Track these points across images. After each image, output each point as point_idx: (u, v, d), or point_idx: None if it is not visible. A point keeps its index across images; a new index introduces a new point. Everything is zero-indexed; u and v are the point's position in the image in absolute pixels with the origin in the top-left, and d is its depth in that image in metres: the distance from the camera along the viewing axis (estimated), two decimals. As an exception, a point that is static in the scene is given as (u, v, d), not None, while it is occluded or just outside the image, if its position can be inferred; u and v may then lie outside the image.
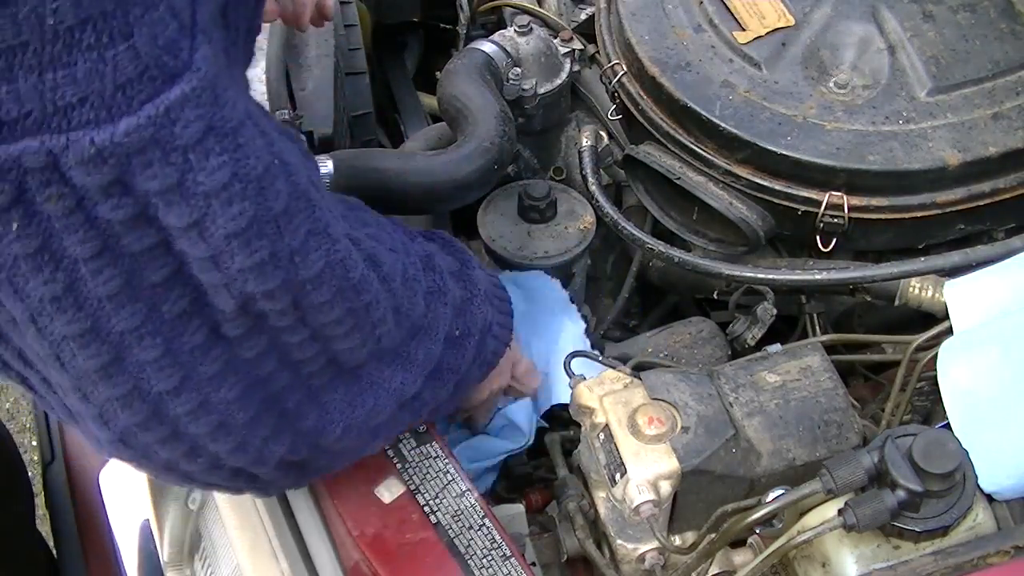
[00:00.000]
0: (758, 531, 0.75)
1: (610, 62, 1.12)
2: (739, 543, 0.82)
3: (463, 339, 0.80)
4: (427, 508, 0.80)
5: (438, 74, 1.17)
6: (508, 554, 0.78)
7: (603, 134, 1.16)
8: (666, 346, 1.02)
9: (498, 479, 0.98)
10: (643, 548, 0.82)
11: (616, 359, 0.90)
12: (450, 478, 0.82)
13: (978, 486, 0.72)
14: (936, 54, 1.01)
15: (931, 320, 0.90)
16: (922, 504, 0.69)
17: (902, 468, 0.68)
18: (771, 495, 0.74)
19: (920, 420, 0.90)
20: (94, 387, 0.57)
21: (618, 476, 0.77)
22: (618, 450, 0.77)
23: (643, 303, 1.23)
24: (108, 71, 0.48)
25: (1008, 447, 0.74)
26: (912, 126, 0.97)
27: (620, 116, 1.13)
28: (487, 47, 1.15)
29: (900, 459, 0.69)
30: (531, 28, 1.18)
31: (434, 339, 0.76)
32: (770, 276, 0.97)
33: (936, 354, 0.80)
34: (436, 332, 0.76)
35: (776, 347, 0.86)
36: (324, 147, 1.09)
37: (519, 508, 0.91)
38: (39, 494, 1.45)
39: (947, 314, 0.86)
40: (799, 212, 0.98)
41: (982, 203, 0.96)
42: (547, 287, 1.04)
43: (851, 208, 0.96)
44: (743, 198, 1.00)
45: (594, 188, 1.09)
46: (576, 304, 1.11)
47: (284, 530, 0.85)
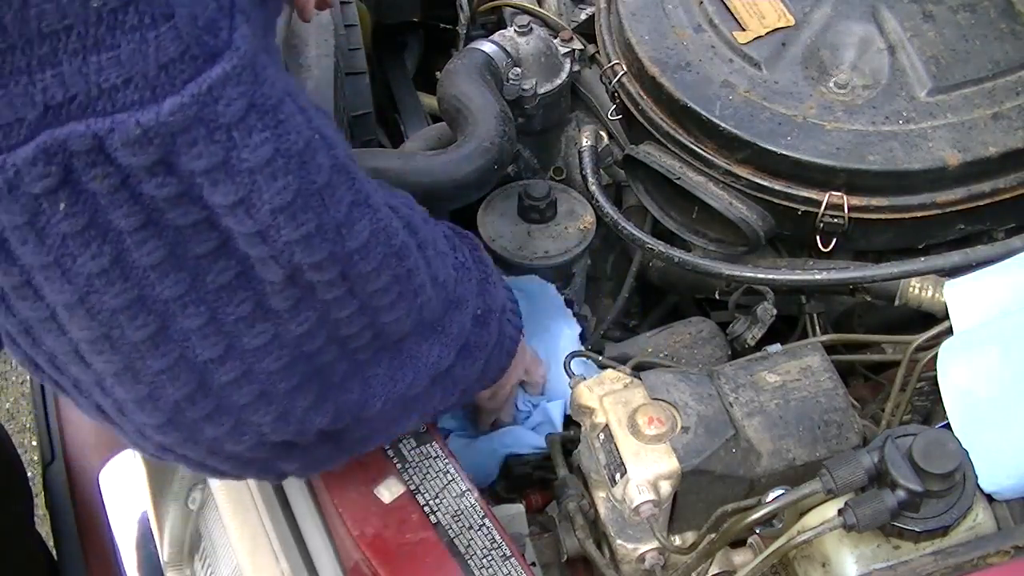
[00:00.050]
0: (758, 531, 0.75)
1: (610, 62, 1.12)
2: (739, 543, 0.82)
3: (486, 316, 0.81)
4: (427, 508, 0.80)
5: (438, 74, 1.17)
6: (508, 554, 0.78)
7: (603, 134, 1.16)
8: (666, 346, 1.02)
9: (499, 478, 0.98)
10: (643, 548, 0.82)
11: (616, 359, 0.91)
12: (450, 478, 0.82)
13: (978, 486, 0.72)
14: (936, 54, 1.01)
15: (931, 320, 0.90)
16: (922, 504, 0.69)
17: (902, 468, 0.68)
18: (771, 495, 0.74)
19: (920, 420, 0.90)
20: (143, 361, 0.57)
21: (618, 476, 0.77)
22: (618, 450, 0.77)
23: (643, 303, 1.23)
24: (151, 52, 0.48)
25: (1008, 447, 0.74)
26: (912, 126, 0.97)
27: (620, 116, 1.13)
28: (487, 47, 1.15)
29: (900, 459, 0.69)
30: (531, 28, 1.18)
31: (464, 312, 0.77)
32: (770, 276, 0.97)
33: (936, 354, 0.80)
34: (466, 306, 0.77)
35: (776, 347, 0.86)
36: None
37: (519, 508, 0.91)
38: (39, 494, 1.44)
39: (947, 314, 0.86)
40: (799, 212, 0.98)
41: (982, 203, 0.96)
42: (544, 291, 1.04)
43: (851, 208, 0.96)
44: (743, 198, 1.00)
45: (594, 188, 1.09)
46: (576, 304, 1.11)
47: (284, 530, 0.85)
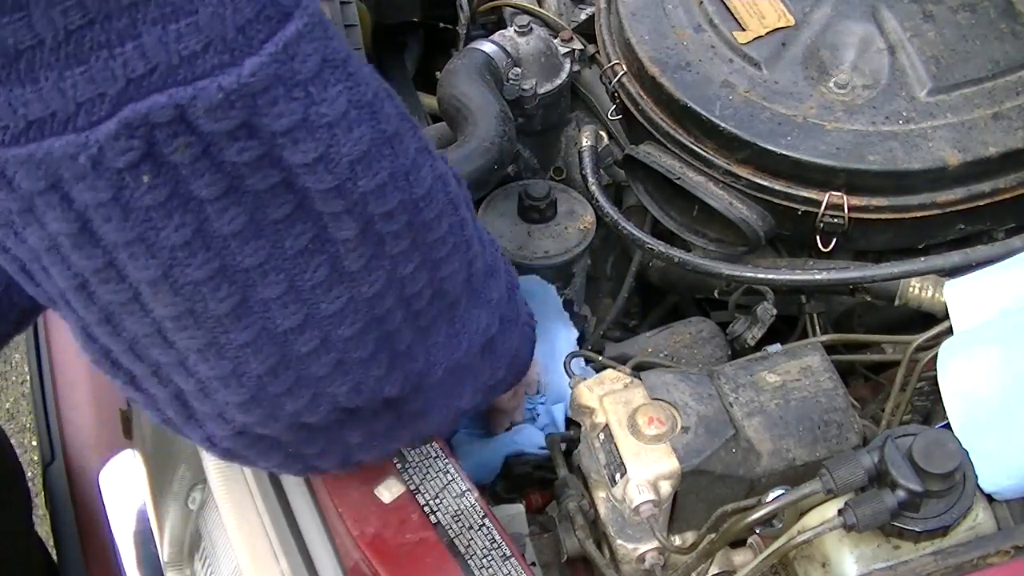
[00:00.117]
0: (758, 531, 0.75)
1: (610, 62, 1.12)
2: (739, 543, 0.82)
3: (513, 289, 0.81)
4: (427, 508, 0.80)
5: (438, 74, 1.17)
6: (508, 554, 0.78)
7: (603, 134, 1.16)
8: (666, 346, 1.02)
9: (499, 478, 0.98)
10: (643, 548, 0.82)
11: (616, 359, 0.90)
12: (450, 478, 0.82)
13: (978, 486, 0.72)
14: (936, 54, 1.01)
15: (931, 320, 0.89)
16: (922, 504, 0.69)
17: (902, 468, 0.68)
18: (771, 495, 0.74)
19: (920, 420, 0.90)
20: (227, 335, 0.58)
21: (618, 476, 0.77)
22: (618, 450, 0.77)
23: (643, 303, 1.23)
24: (228, 14, 0.49)
25: (1008, 447, 0.74)
26: (912, 126, 0.97)
27: (620, 116, 1.13)
28: (487, 47, 1.14)
29: (900, 459, 0.69)
30: (531, 28, 1.18)
31: (499, 280, 0.77)
32: (770, 276, 0.97)
33: (936, 354, 0.80)
34: (499, 274, 0.78)
35: (776, 347, 0.85)
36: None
37: (519, 508, 0.90)
38: (39, 494, 1.44)
39: (947, 314, 0.85)
40: (799, 212, 0.98)
41: (982, 203, 0.96)
42: (545, 291, 1.04)
43: (851, 208, 0.96)
44: (743, 198, 1.00)
45: (594, 188, 1.09)
46: (576, 304, 1.11)
47: (284, 530, 0.85)
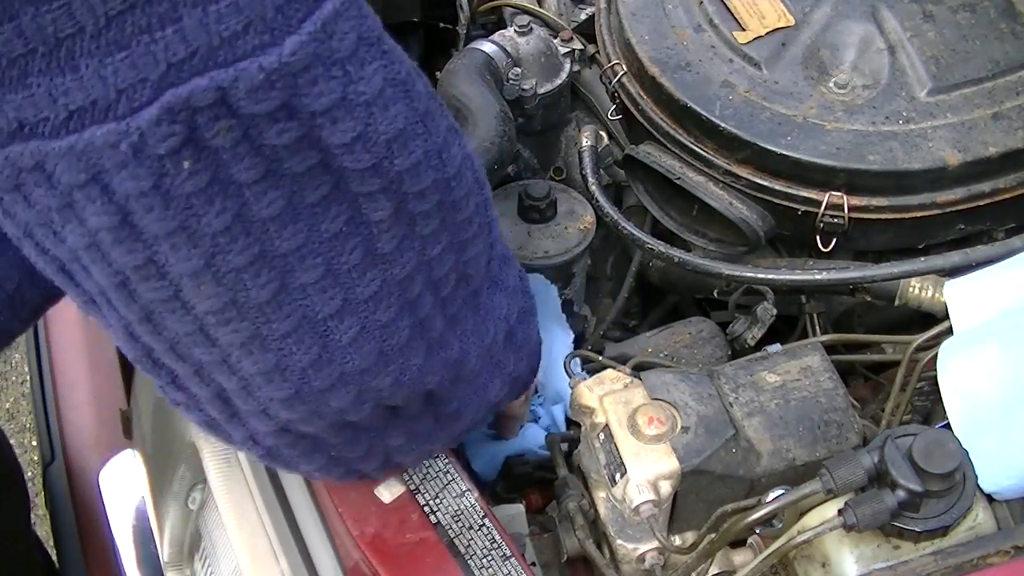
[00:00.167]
0: (758, 531, 0.75)
1: (610, 62, 1.12)
2: (739, 543, 0.82)
3: (524, 281, 0.81)
4: (427, 508, 0.80)
5: (438, 74, 1.17)
6: (508, 554, 0.78)
7: (603, 134, 1.15)
8: (666, 346, 1.02)
9: (499, 478, 0.98)
10: (643, 548, 0.82)
11: (616, 359, 0.90)
12: (450, 478, 0.82)
13: (978, 486, 0.72)
14: (936, 54, 1.01)
15: (931, 320, 0.89)
16: (922, 504, 0.69)
17: (902, 468, 0.68)
18: (771, 495, 0.74)
19: (920, 420, 0.90)
20: (269, 326, 0.57)
21: (618, 476, 0.77)
22: (618, 450, 0.77)
23: (643, 303, 1.23)
24: None
25: (1008, 447, 0.74)
26: (912, 126, 0.97)
27: (620, 116, 1.13)
28: (487, 47, 1.14)
29: (900, 459, 0.69)
30: (531, 28, 1.17)
31: (513, 267, 0.78)
32: (770, 276, 0.97)
33: (936, 354, 0.80)
34: (512, 262, 0.78)
35: (776, 347, 0.85)
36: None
37: (519, 508, 0.90)
38: (39, 494, 1.44)
39: (947, 314, 0.85)
40: (799, 212, 0.98)
41: (982, 203, 0.96)
42: (543, 293, 1.04)
43: (851, 208, 0.96)
44: (743, 198, 1.00)
45: (594, 188, 1.09)
46: (576, 304, 1.11)
47: (284, 530, 0.85)
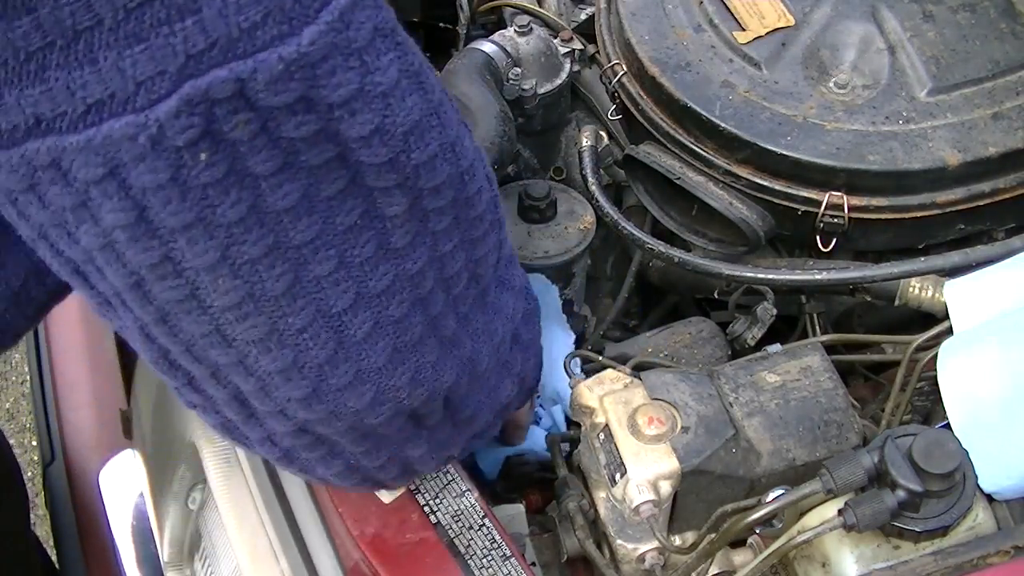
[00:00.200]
0: (758, 531, 0.75)
1: (610, 62, 1.12)
2: (739, 543, 0.82)
3: (525, 279, 0.81)
4: (427, 508, 0.80)
5: (438, 74, 1.17)
6: (508, 554, 0.78)
7: (603, 134, 1.15)
8: (666, 346, 1.02)
9: (499, 478, 0.98)
10: (643, 548, 0.82)
11: (616, 359, 0.90)
12: (450, 478, 0.82)
13: (978, 486, 0.72)
14: (936, 54, 1.01)
15: (931, 320, 0.89)
16: (922, 504, 0.69)
17: (902, 468, 0.68)
18: (771, 495, 0.74)
19: (920, 420, 0.90)
20: (285, 320, 0.57)
21: (618, 476, 0.77)
22: (618, 450, 0.77)
23: (643, 303, 1.23)
24: None
25: (1008, 447, 0.74)
26: (912, 126, 0.97)
27: (620, 116, 1.13)
28: (487, 47, 1.14)
29: (900, 459, 0.69)
30: (531, 28, 1.17)
31: (517, 266, 0.78)
32: (770, 276, 0.97)
33: (936, 354, 0.80)
34: (516, 261, 0.78)
35: (776, 347, 0.85)
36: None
37: (519, 508, 0.90)
38: (39, 494, 1.44)
39: (947, 314, 0.85)
40: (799, 212, 0.98)
41: (982, 203, 0.96)
42: (545, 293, 1.04)
43: (851, 208, 0.96)
44: (743, 198, 1.00)
45: (594, 188, 1.09)
46: (576, 304, 1.11)
47: (284, 530, 0.85)
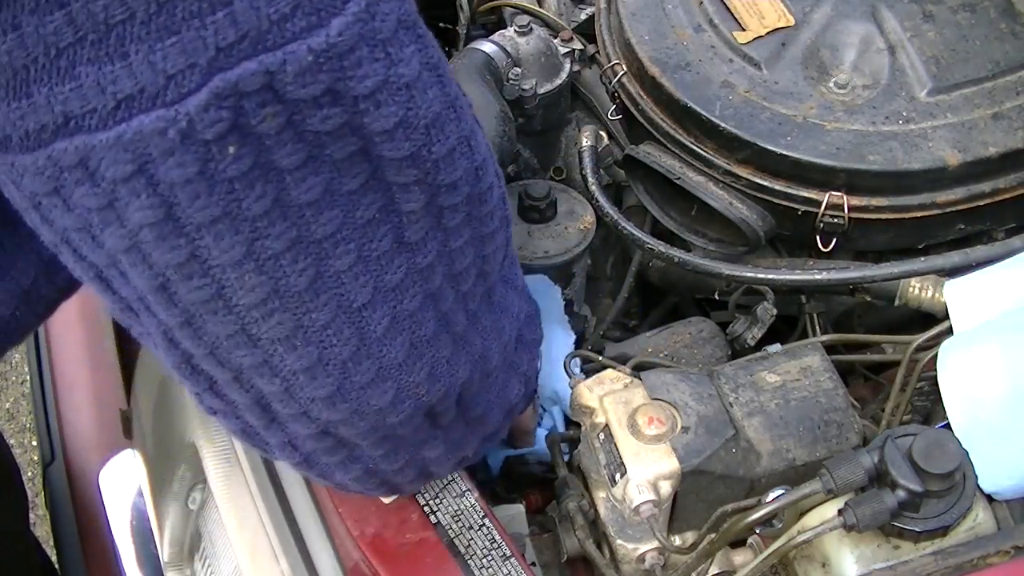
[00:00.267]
0: (758, 531, 0.75)
1: (610, 62, 1.12)
2: (739, 543, 0.82)
3: (527, 287, 0.81)
4: (427, 508, 0.80)
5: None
6: (508, 554, 0.78)
7: (603, 134, 1.16)
8: (666, 346, 1.02)
9: (499, 478, 0.98)
10: (643, 548, 0.82)
11: (616, 359, 0.90)
12: (450, 478, 0.82)
13: (978, 486, 0.72)
14: (936, 54, 1.01)
15: (931, 320, 0.89)
16: (922, 504, 0.69)
17: (902, 468, 0.68)
18: (771, 495, 0.74)
19: (920, 420, 0.90)
20: (309, 316, 0.57)
21: (618, 476, 0.77)
22: (618, 450, 0.77)
23: (643, 303, 1.23)
24: None
25: (1008, 447, 0.74)
26: (912, 126, 0.97)
27: (620, 116, 1.13)
28: (487, 47, 1.14)
29: (900, 459, 0.69)
30: (531, 28, 1.17)
31: (519, 267, 0.78)
32: (770, 276, 0.97)
33: (936, 354, 0.80)
34: (518, 264, 0.78)
35: (776, 347, 0.85)
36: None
37: (519, 508, 0.90)
38: (39, 494, 1.44)
39: (947, 314, 0.85)
40: (799, 212, 0.98)
41: (982, 203, 0.96)
42: (547, 293, 1.04)
43: (851, 208, 0.96)
44: (743, 198, 1.00)
45: (594, 188, 1.09)
46: (576, 304, 1.11)
47: (284, 530, 0.85)
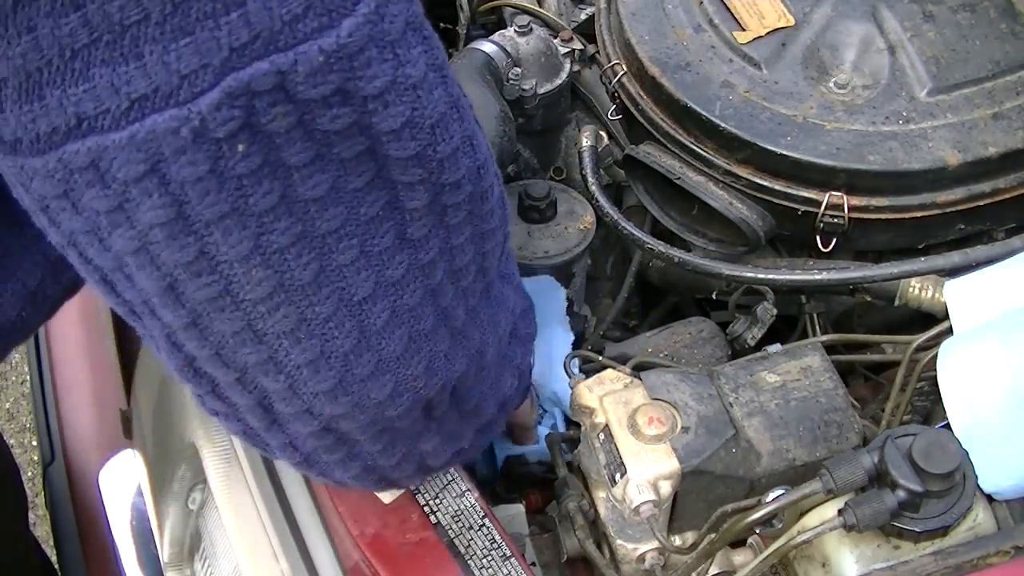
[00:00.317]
0: (758, 531, 0.75)
1: (610, 62, 1.12)
2: (739, 543, 0.82)
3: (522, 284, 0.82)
4: (427, 508, 0.80)
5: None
6: (508, 554, 0.78)
7: (603, 134, 1.16)
8: (666, 346, 1.02)
9: (499, 478, 0.98)
10: (643, 548, 0.82)
11: (616, 359, 0.90)
12: (450, 478, 0.82)
13: (978, 486, 0.72)
14: (936, 54, 1.01)
15: (931, 320, 0.89)
16: (922, 504, 0.69)
17: (902, 468, 0.68)
18: (771, 495, 0.74)
19: (920, 420, 0.90)
20: (312, 309, 0.58)
21: (618, 476, 0.77)
22: (618, 450, 0.77)
23: (643, 303, 1.23)
24: None
25: (1008, 447, 0.74)
26: (912, 126, 0.97)
27: (620, 116, 1.13)
28: (487, 47, 1.14)
29: (900, 459, 0.69)
30: (531, 28, 1.17)
31: (515, 264, 0.78)
32: (770, 276, 0.97)
33: (936, 354, 0.80)
34: (514, 260, 0.78)
35: (776, 347, 0.85)
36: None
37: (519, 508, 0.91)
38: (39, 494, 1.44)
39: (947, 314, 0.85)
40: (799, 212, 0.98)
41: (982, 203, 0.96)
42: (551, 293, 1.04)
43: (851, 208, 0.96)
44: (743, 198, 1.00)
45: (594, 188, 1.09)
46: (576, 304, 1.11)
47: (284, 530, 0.85)
